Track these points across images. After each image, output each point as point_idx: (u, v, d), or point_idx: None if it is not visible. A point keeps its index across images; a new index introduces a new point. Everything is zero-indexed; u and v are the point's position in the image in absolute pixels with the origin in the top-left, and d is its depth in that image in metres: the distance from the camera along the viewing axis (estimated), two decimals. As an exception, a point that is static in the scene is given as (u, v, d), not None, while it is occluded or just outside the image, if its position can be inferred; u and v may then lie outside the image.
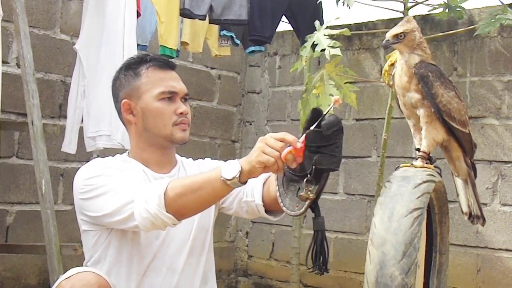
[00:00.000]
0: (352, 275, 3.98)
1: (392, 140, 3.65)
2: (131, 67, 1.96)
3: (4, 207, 3.40)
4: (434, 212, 1.70)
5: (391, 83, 3.12)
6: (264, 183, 1.92)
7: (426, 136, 1.56)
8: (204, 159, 2.09)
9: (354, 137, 4.02)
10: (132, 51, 2.96)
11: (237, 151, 4.61)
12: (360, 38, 4.05)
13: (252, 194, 1.92)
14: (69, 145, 3.15)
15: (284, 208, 1.63)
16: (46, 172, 2.83)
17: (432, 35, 3.55)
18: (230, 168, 1.62)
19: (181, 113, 1.90)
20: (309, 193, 1.56)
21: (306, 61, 3.30)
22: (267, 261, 4.43)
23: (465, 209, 1.69)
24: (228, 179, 1.61)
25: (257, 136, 4.55)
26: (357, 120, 4.02)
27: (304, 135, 1.61)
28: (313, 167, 1.56)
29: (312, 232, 1.66)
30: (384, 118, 3.35)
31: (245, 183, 1.64)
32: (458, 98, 1.61)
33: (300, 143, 1.59)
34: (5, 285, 3.39)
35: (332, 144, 1.55)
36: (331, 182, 3.98)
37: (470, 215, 1.69)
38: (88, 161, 3.65)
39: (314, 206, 1.61)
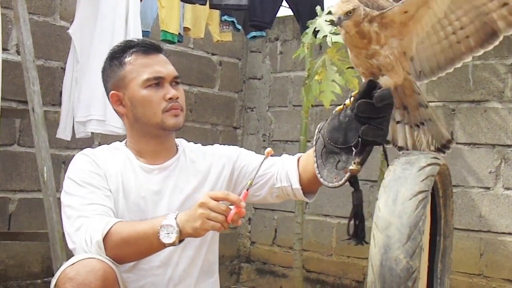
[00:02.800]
0: (355, 260, 3.99)
1: (395, 124, 3.64)
2: (115, 56, 1.91)
3: (6, 195, 3.40)
4: (439, 195, 1.69)
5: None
6: (297, 164, 1.90)
7: (388, 80, 1.58)
8: (212, 145, 2.05)
9: (356, 122, 4.00)
10: (137, 37, 2.95)
11: (239, 138, 4.60)
12: (362, 22, 4.02)
13: (288, 179, 1.89)
14: (64, 132, 3.13)
15: (321, 180, 1.62)
16: (47, 160, 2.82)
17: (435, 19, 3.53)
18: (170, 232, 1.61)
19: (171, 98, 1.85)
20: (355, 165, 1.56)
21: (308, 48, 3.28)
22: (270, 247, 4.44)
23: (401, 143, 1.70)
24: (166, 243, 1.62)
25: (259, 122, 4.55)
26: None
27: (246, 190, 1.65)
28: (359, 139, 1.55)
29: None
30: (386, 103, 3.33)
31: (183, 241, 1.66)
32: None
33: (243, 202, 1.61)
34: (9, 272, 3.40)
35: (381, 117, 1.54)
36: (333, 167, 3.96)
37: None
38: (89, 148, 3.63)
39: (353, 179, 1.61)
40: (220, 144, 2.08)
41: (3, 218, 3.39)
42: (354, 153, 1.57)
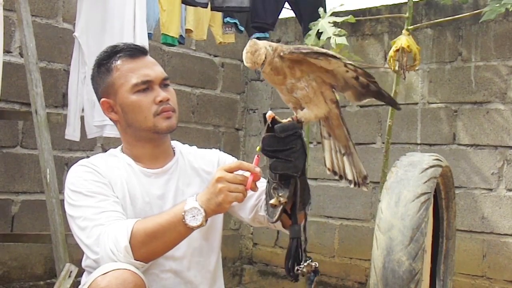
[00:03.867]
0: (357, 261, 3.98)
1: (397, 126, 3.64)
2: (102, 63, 1.89)
3: (9, 197, 3.41)
4: (441, 197, 1.69)
5: (397, 68, 3.10)
6: None
7: (307, 113, 1.58)
8: (211, 149, 2.05)
9: (358, 124, 4.01)
10: (143, 42, 2.95)
11: (241, 139, 4.60)
12: (364, 24, 4.02)
13: None
14: (73, 133, 3.14)
15: (266, 216, 1.63)
16: (50, 162, 2.82)
17: (437, 20, 3.53)
18: (195, 214, 1.61)
19: (161, 101, 1.83)
20: (280, 198, 1.56)
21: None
22: (272, 249, 4.44)
23: (350, 177, 1.66)
24: (194, 226, 1.62)
25: (261, 123, 4.55)
26: (361, 106, 4.00)
27: (257, 155, 1.62)
28: (276, 173, 1.55)
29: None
30: (388, 104, 3.34)
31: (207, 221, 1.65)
32: None
33: (257, 167, 1.61)
34: (12, 274, 3.40)
35: (288, 149, 1.53)
36: (335, 169, 3.96)
37: (355, 183, 1.66)
38: (92, 151, 3.64)
39: (291, 213, 1.61)
40: (220, 146, 2.08)
41: (6, 219, 3.39)
42: (272, 187, 1.57)
